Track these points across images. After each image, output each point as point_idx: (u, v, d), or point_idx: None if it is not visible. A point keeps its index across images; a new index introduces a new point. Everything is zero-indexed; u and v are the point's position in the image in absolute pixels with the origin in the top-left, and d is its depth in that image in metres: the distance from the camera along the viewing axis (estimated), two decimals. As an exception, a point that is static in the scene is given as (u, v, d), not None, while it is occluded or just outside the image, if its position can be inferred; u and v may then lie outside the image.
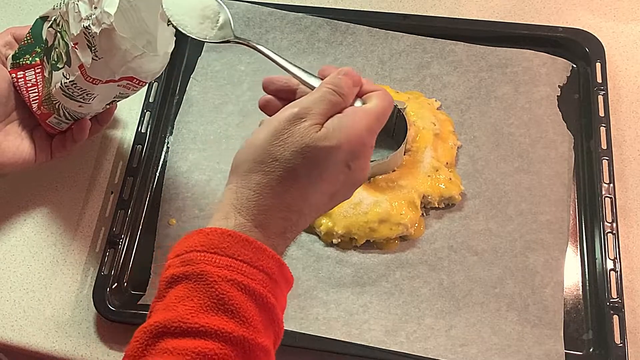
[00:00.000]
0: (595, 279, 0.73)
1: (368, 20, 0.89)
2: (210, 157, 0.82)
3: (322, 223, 0.75)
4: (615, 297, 0.71)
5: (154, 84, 0.86)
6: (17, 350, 0.73)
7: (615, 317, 0.70)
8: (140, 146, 0.82)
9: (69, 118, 0.73)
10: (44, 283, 0.76)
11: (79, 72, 0.66)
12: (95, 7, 0.63)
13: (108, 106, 0.74)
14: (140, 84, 0.70)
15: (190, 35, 0.65)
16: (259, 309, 0.48)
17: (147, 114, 0.84)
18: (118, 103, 0.87)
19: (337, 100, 0.54)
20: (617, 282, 0.72)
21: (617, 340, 0.69)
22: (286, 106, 0.54)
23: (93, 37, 0.63)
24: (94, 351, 0.73)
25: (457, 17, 0.90)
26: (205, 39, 0.65)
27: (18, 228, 0.80)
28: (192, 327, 0.46)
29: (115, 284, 0.75)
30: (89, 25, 0.63)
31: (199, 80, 0.87)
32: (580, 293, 0.73)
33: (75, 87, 0.67)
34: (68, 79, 0.68)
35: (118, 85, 0.68)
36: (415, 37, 0.88)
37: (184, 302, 0.47)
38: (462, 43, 0.87)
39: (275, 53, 0.62)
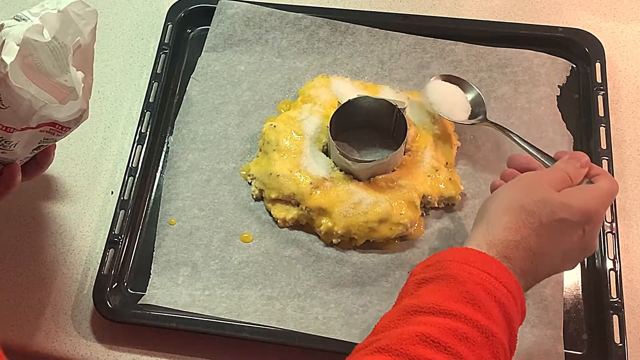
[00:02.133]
0: (595, 279, 0.73)
1: (368, 20, 0.89)
2: (210, 157, 0.82)
3: (322, 223, 0.75)
4: (615, 297, 0.71)
5: (154, 84, 0.86)
6: (17, 350, 0.73)
7: (615, 317, 0.70)
8: (140, 146, 0.82)
9: None
10: (44, 283, 0.76)
11: None
12: None
13: (36, 151, 0.67)
14: (64, 129, 0.63)
15: (457, 122, 0.79)
16: (501, 314, 0.54)
17: (147, 114, 0.84)
18: (118, 102, 0.88)
19: (564, 177, 0.62)
20: (616, 282, 0.72)
21: (617, 340, 0.69)
22: (527, 172, 0.65)
23: None
24: (94, 351, 0.73)
25: (457, 17, 0.90)
26: (464, 122, 0.78)
27: (18, 228, 0.80)
28: (444, 309, 0.52)
29: (115, 284, 0.75)
30: None
31: (199, 80, 0.87)
32: (580, 293, 0.73)
33: None
34: None
35: (40, 131, 0.62)
36: (415, 37, 0.88)
37: (436, 294, 0.54)
38: (462, 43, 0.87)
39: (520, 137, 0.74)
